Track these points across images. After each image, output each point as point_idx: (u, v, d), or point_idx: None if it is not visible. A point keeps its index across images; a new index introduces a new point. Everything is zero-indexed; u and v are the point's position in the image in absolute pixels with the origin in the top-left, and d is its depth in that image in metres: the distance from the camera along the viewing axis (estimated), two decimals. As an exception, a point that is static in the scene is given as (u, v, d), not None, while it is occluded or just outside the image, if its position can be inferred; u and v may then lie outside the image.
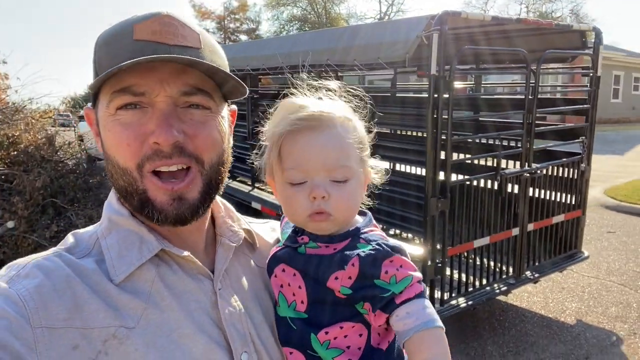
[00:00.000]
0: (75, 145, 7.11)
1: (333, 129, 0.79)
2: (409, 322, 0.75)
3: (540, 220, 4.17)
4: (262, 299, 0.85)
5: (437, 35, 3.21)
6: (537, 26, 3.93)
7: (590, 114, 4.33)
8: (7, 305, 0.63)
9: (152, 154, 0.71)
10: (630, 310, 4.48)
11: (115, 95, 0.71)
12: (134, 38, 0.71)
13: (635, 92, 27.08)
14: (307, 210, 0.80)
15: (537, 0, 39.02)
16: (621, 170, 10.89)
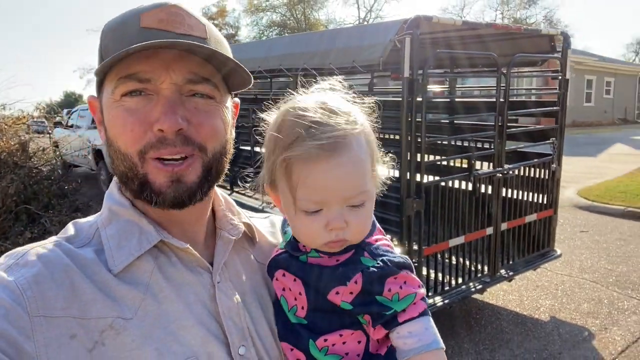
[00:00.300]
0: (50, 152, 7.00)
1: (350, 152, 0.73)
2: (410, 342, 0.74)
3: (514, 220, 4.27)
4: (260, 294, 0.84)
5: (410, 39, 3.28)
6: (507, 31, 4.05)
7: (560, 115, 4.45)
8: (4, 294, 0.63)
9: (157, 142, 0.70)
10: (601, 306, 4.61)
11: (121, 82, 0.71)
12: (141, 26, 0.71)
13: (607, 96, 27.87)
14: (324, 239, 0.76)
15: (512, 6, 39.91)
16: (594, 171, 11.18)
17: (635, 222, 7.46)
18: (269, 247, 0.91)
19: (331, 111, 0.74)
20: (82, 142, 9.95)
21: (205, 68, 0.74)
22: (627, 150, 14.84)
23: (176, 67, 0.71)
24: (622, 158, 13.08)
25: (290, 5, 37.19)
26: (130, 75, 0.70)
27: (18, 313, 0.62)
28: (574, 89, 24.83)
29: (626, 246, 6.31)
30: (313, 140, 0.70)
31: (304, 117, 0.72)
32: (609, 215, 7.88)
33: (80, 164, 11.12)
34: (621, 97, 28.58)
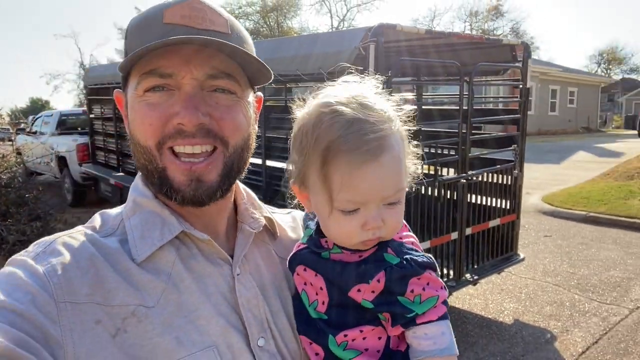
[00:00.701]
0: (10, 159, 6.77)
1: (392, 151, 0.72)
2: (425, 343, 0.74)
3: (478, 225, 4.35)
4: (280, 287, 0.85)
5: (374, 47, 3.32)
6: (469, 40, 4.14)
7: (521, 123, 4.57)
8: (32, 280, 0.65)
9: (175, 133, 0.72)
10: (563, 308, 4.73)
11: (144, 77, 0.72)
12: (164, 22, 0.72)
13: (570, 105, 28.84)
14: (360, 238, 0.75)
15: (480, 18, 40.99)
16: (558, 178, 11.52)
17: (596, 226, 7.71)
18: (290, 242, 0.91)
19: (369, 107, 0.72)
20: (45, 149, 9.67)
21: (226, 63, 0.74)
22: (590, 158, 15.36)
23: (197, 63, 0.72)
24: (585, 165, 13.53)
25: (264, 13, 37.26)
26: (152, 70, 0.71)
27: (45, 299, 0.64)
28: (539, 99, 25.63)
29: (587, 250, 6.51)
30: (356, 144, 0.69)
31: (343, 114, 0.70)
32: (572, 220, 8.13)
33: (43, 172, 10.79)
34: (584, 106, 29.62)
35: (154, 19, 0.73)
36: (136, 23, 0.76)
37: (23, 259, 0.68)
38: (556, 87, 27.47)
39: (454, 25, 41.64)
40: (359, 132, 0.69)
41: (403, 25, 3.52)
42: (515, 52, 4.67)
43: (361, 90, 0.76)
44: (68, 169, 9.39)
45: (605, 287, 5.21)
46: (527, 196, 9.51)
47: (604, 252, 6.39)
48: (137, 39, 0.73)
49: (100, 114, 7.90)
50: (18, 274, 0.66)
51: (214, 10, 0.76)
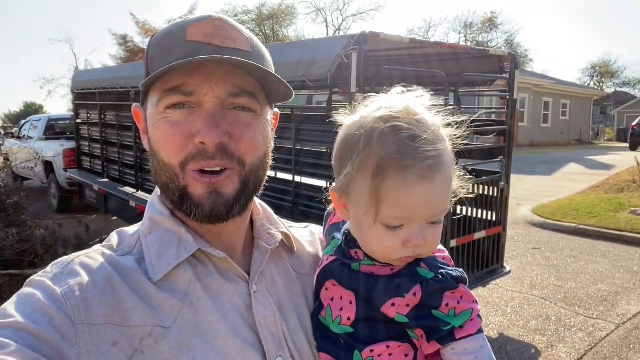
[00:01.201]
0: (-7, 163, 6.65)
1: (445, 171, 0.72)
2: (465, 359, 0.73)
3: (463, 237, 4.29)
4: (298, 304, 0.84)
5: (356, 55, 3.28)
6: (454, 50, 4.10)
7: (508, 134, 4.53)
8: (49, 301, 0.65)
9: (197, 154, 0.72)
10: (549, 323, 4.66)
11: (165, 95, 0.72)
12: (186, 39, 0.73)
13: (563, 117, 29.02)
14: (399, 254, 0.75)
15: (474, 30, 41.33)
16: (548, 190, 11.51)
17: (585, 239, 7.67)
18: (308, 257, 0.91)
19: (424, 124, 0.72)
20: (30, 154, 9.54)
21: (247, 81, 0.75)
22: (581, 170, 15.39)
23: (219, 81, 0.72)
24: (576, 177, 13.55)
25: (259, 22, 37.38)
26: (175, 88, 0.72)
27: (62, 320, 0.64)
28: (532, 110, 25.77)
29: (576, 263, 6.46)
30: (414, 159, 0.69)
31: (400, 130, 0.70)
32: (561, 232, 8.09)
33: (30, 177, 10.65)
34: (577, 119, 29.81)
35: (176, 35, 0.74)
36: (158, 39, 0.77)
37: (41, 280, 0.69)
38: (549, 99, 27.64)
39: (448, 36, 41.98)
40: (417, 150, 0.69)
41: (387, 33, 3.48)
42: (503, 63, 4.65)
43: (414, 105, 0.75)
44: (54, 174, 9.26)
45: (592, 301, 5.15)
46: (517, 207, 9.50)
47: (592, 266, 6.34)
48: (159, 55, 0.74)
49: (87, 119, 7.81)
50: (36, 295, 0.66)
51: (235, 28, 0.77)
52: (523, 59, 40.08)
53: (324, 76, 3.53)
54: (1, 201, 5.68)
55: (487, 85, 5.05)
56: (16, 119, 27.52)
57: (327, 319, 0.80)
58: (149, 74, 0.74)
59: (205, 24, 0.74)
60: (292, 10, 38.54)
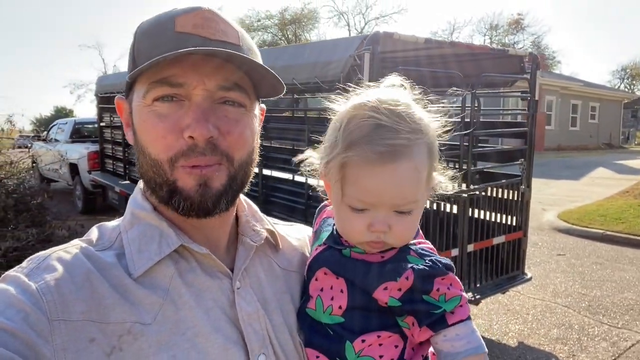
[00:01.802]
0: (18, 165, 6.84)
1: (407, 162, 0.72)
2: (458, 344, 0.74)
3: (481, 241, 4.18)
4: (282, 301, 0.83)
5: (369, 55, 3.23)
6: (472, 50, 4.01)
7: (529, 136, 4.41)
8: (25, 298, 0.63)
9: (187, 150, 0.70)
10: (571, 332, 4.50)
11: (153, 86, 0.70)
12: (176, 30, 0.71)
13: (592, 121, 28.25)
14: (364, 237, 0.77)
15: (500, 32, 40.68)
16: (576, 194, 11.18)
17: (612, 246, 7.41)
18: (293, 254, 0.91)
19: (400, 116, 0.73)
20: (56, 156, 9.79)
21: (238, 75, 0.74)
22: (609, 175, 14.92)
23: (209, 73, 0.71)
24: (604, 182, 13.13)
25: (282, 26, 37.64)
26: (163, 79, 0.70)
27: (38, 317, 0.62)
28: (559, 113, 25.16)
29: (602, 270, 6.24)
30: (373, 145, 0.71)
31: (371, 118, 0.72)
32: (588, 238, 7.84)
33: (56, 179, 10.93)
34: (606, 122, 28.98)
35: (165, 26, 0.72)
36: (146, 28, 0.74)
37: (16, 275, 0.67)
38: (577, 102, 26.94)
39: (473, 38, 41.39)
40: (381, 136, 0.71)
41: (401, 33, 3.42)
42: (524, 63, 4.53)
43: (402, 98, 0.76)
44: (79, 176, 9.47)
45: (618, 310, 4.96)
46: (542, 212, 9.26)
47: (618, 273, 6.11)
48: (147, 45, 0.72)
49: (110, 122, 7.97)
50: (10, 291, 0.64)
51: (225, 21, 0.75)
52: (551, 61, 39.26)
53: (336, 77, 3.50)
54: (25, 202, 5.82)
55: (508, 86, 4.93)
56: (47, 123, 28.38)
57: (318, 310, 0.80)
58: (135, 65, 0.72)
59: (195, 15, 0.72)
60: (314, 14, 38.71)
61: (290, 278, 0.87)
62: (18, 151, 9.70)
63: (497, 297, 4.95)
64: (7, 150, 7.22)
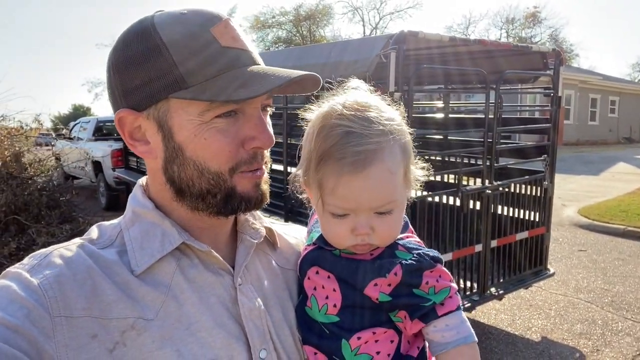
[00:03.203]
0: (46, 163, 7.03)
1: (380, 164, 0.73)
2: (448, 335, 0.76)
3: (504, 237, 4.21)
4: (281, 298, 0.85)
5: (395, 54, 3.28)
6: (495, 47, 4.04)
7: (552, 132, 4.42)
8: (27, 294, 0.64)
9: (250, 158, 0.74)
10: (595, 327, 4.51)
11: (217, 105, 0.70)
12: (222, 45, 0.72)
13: (611, 115, 27.78)
14: (349, 241, 0.78)
15: (517, 25, 40.14)
16: (596, 190, 11.08)
17: (634, 241, 7.35)
18: (291, 252, 0.92)
19: (367, 120, 0.74)
20: (81, 154, 10.01)
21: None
22: (630, 170, 14.71)
23: None
24: (625, 177, 12.97)
25: (296, 22, 37.64)
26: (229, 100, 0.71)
27: (40, 313, 0.63)
28: (578, 108, 24.80)
29: (624, 266, 6.21)
30: (343, 154, 0.72)
31: (340, 126, 0.74)
32: (609, 234, 7.79)
33: (80, 176, 11.17)
34: (626, 116, 28.48)
35: (205, 40, 0.71)
36: (182, 42, 0.70)
37: (18, 272, 0.67)
38: (596, 96, 26.52)
39: (489, 32, 40.95)
40: (349, 144, 0.72)
41: (426, 32, 3.46)
42: (547, 60, 4.53)
43: (366, 100, 0.77)
44: (103, 173, 9.68)
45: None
46: (563, 208, 9.20)
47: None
48: (196, 61, 0.70)
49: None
50: (12, 287, 0.64)
51: (241, 30, 0.76)
52: (569, 54, 38.64)
53: (361, 76, 3.55)
54: (55, 199, 5.99)
55: (531, 82, 4.93)
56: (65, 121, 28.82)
57: (313, 309, 0.82)
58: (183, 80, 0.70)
59: (226, 26, 0.73)
60: (328, 10, 38.61)
61: (288, 275, 0.88)
62: (45, 149, 9.93)
63: (520, 292, 4.97)
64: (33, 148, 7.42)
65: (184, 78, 0.70)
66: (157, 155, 0.76)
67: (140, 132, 0.77)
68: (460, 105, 6.56)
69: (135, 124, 0.76)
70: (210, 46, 0.71)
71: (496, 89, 3.91)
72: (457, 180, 3.88)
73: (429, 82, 5.34)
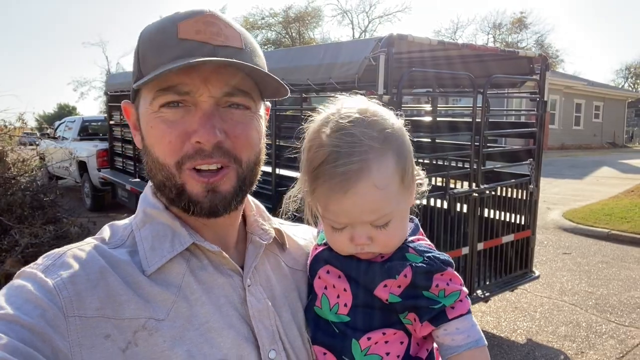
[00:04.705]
0: (30, 163, 6.91)
1: (368, 180, 0.73)
2: (459, 338, 0.76)
3: (491, 240, 4.25)
4: (290, 298, 0.85)
5: (384, 57, 3.29)
6: (483, 52, 4.07)
7: (538, 136, 4.47)
8: (41, 294, 0.64)
9: (194, 153, 0.72)
10: (579, 329, 4.56)
11: (160, 93, 0.72)
12: (179, 37, 0.71)
13: (595, 120, 28.22)
14: (350, 250, 0.79)
15: (503, 30, 40.60)
16: (580, 194, 11.22)
17: (618, 245, 7.46)
18: (300, 253, 0.92)
19: (354, 136, 0.73)
20: (65, 154, 9.87)
21: (242, 80, 0.75)
22: (614, 174, 14.94)
23: (214, 80, 0.72)
24: (609, 181, 13.16)
25: (286, 24, 37.64)
26: (170, 87, 0.72)
27: (54, 313, 0.63)
28: (563, 112, 25.15)
29: (608, 269, 6.29)
30: (328, 175, 0.73)
31: (325, 146, 0.74)
32: (593, 237, 7.89)
33: (65, 176, 11.01)
34: (610, 121, 28.95)
35: (168, 33, 0.72)
36: (150, 34, 0.75)
37: (33, 272, 0.68)
38: (581, 101, 26.92)
39: (476, 37, 41.34)
40: (335, 164, 0.72)
41: (415, 35, 3.48)
42: (533, 64, 4.59)
43: (357, 114, 0.75)
44: (88, 173, 9.56)
45: (625, 308, 5.02)
46: (547, 212, 9.30)
47: (625, 272, 6.17)
48: (152, 53, 0.73)
49: (120, 121, 8.04)
50: (27, 287, 0.65)
51: (228, 24, 0.75)
52: (554, 59, 39.20)
53: (351, 78, 3.56)
54: (39, 199, 5.90)
55: (517, 87, 4.99)
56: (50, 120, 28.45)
57: (324, 308, 0.82)
58: (141, 72, 0.74)
59: (197, 21, 0.72)
60: (318, 12, 38.67)
61: (297, 276, 0.89)
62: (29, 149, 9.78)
63: (505, 294, 5.02)
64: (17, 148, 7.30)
65: (140, 67, 0.74)
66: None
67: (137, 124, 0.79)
68: (448, 109, 6.61)
69: (134, 115, 0.79)
70: (168, 38, 0.72)
71: (484, 92, 3.95)
72: (444, 182, 3.90)
73: (417, 85, 5.37)
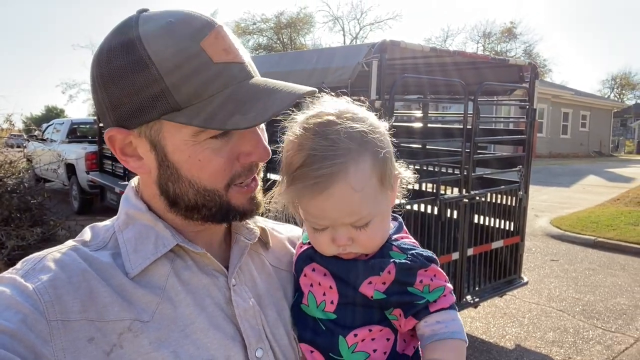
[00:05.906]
0: (18, 165, 6.83)
1: (345, 183, 0.73)
2: (437, 328, 0.77)
3: (480, 245, 4.28)
4: (276, 297, 0.85)
5: (377, 62, 3.32)
6: (474, 59, 4.12)
7: (527, 144, 4.52)
8: (22, 299, 0.63)
9: (245, 171, 0.75)
10: (567, 335, 4.60)
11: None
12: (215, 62, 0.68)
13: (582, 129, 28.62)
14: (332, 250, 0.80)
15: (493, 40, 41.10)
16: (567, 201, 11.36)
17: (604, 252, 7.56)
18: (283, 252, 0.92)
19: (330, 140, 0.73)
20: (53, 156, 9.76)
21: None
22: (600, 182, 15.15)
23: None
24: (595, 189, 13.34)
25: (277, 30, 37.72)
26: None
27: (36, 318, 0.62)
28: (550, 121, 25.47)
29: (594, 276, 6.37)
30: (305, 178, 0.73)
31: (302, 150, 0.74)
32: (580, 244, 7.98)
33: (52, 179, 10.88)
34: (596, 130, 29.38)
35: (195, 54, 0.67)
36: (172, 60, 0.67)
37: (12, 277, 0.66)
38: (568, 110, 27.30)
39: (466, 46, 41.77)
40: (310, 168, 0.73)
41: (407, 42, 3.51)
42: (523, 73, 4.65)
43: (335, 117, 0.75)
44: (76, 176, 9.45)
45: (611, 315, 5.08)
46: (535, 219, 9.39)
47: (611, 279, 6.25)
48: (187, 80, 0.67)
49: (109, 123, 7.97)
50: (7, 292, 0.64)
51: (233, 36, 0.74)
52: (542, 69, 39.72)
53: (343, 83, 3.58)
54: (26, 201, 5.83)
55: (507, 94, 5.05)
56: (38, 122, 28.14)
57: (311, 306, 0.82)
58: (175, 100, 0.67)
59: (216, 36, 0.69)
60: (309, 18, 38.82)
61: (281, 275, 0.89)
62: (16, 151, 9.66)
63: (494, 300, 5.05)
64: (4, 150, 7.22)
65: (175, 100, 0.67)
66: (151, 171, 0.75)
67: (131, 148, 0.75)
68: (439, 115, 6.66)
69: (126, 141, 0.74)
70: (199, 62, 0.67)
71: (474, 100, 3.99)
72: (434, 188, 3.93)
73: (409, 92, 5.41)
